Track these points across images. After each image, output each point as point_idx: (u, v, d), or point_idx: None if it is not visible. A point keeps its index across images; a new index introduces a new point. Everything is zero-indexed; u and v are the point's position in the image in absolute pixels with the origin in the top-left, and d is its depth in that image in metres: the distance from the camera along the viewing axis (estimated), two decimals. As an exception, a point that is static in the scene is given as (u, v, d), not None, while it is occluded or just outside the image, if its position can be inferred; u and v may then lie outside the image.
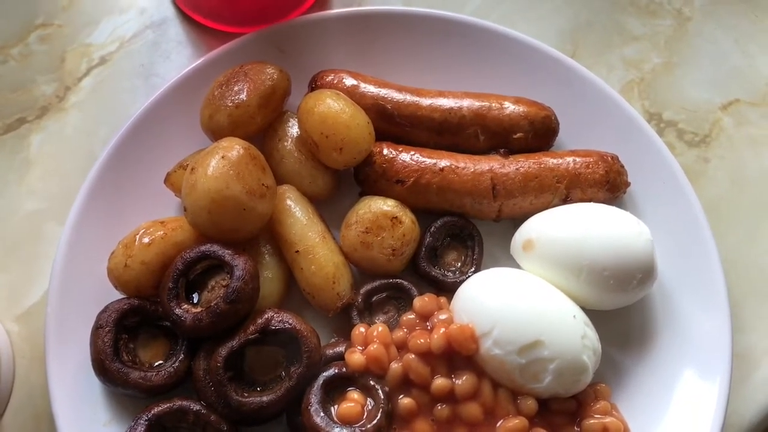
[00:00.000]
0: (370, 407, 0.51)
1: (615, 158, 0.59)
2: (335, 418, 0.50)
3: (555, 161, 0.58)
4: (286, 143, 0.59)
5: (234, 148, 0.53)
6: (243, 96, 0.57)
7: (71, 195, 0.61)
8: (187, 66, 0.63)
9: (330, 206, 0.59)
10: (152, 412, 0.51)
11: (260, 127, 0.58)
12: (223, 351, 0.51)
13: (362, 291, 0.56)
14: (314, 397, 0.50)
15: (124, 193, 0.59)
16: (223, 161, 0.52)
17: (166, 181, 0.58)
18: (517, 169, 0.58)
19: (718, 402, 0.53)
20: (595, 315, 0.55)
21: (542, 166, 0.58)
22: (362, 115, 0.57)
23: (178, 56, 0.69)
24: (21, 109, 0.66)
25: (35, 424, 0.56)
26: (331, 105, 0.56)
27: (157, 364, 0.53)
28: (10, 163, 0.64)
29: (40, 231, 0.62)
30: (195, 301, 0.53)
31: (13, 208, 0.63)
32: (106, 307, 0.53)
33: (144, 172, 0.60)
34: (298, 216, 0.56)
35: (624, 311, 0.57)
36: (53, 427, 0.55)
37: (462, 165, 0.58)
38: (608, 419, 0.53)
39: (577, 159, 0.59)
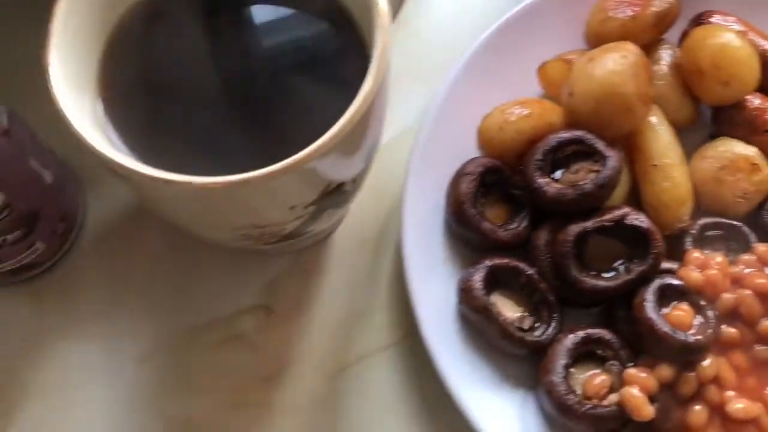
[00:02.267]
0: (697, 323, 0.53)
1: None
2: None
3: None
4: (660, 67, 0.61)
5: (634, 51, 0.56)
6: (639, 9, 0.60)
7: (432, 61, 0.67)
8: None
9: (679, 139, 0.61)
10: (493, 261, 0.55)
11: (643, 44, 0.61)
12: (576, 228, 0.54)
13: (700, 222, 0.58)
14: (651, 296, 0.52)
15: (492, 73, 0.63)
16: (623, 59, 0.55)
17: (540, 69, 0.62)
18: None
19: None
20: None
21: None
22: (756, 59, 0.58)
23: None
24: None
25: (361, 242, 0.62)
26: (731, 39, 0.57)
27: (499, 224, 0.57)
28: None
29: (397, 84, 0.63)
30: (556, 178, 0.56)
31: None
32: (474, 159, 0.58)
33: (511, 59, 0.64)
34: (662, 133, 0.58)
35: None
36: (376, 248, 0.62)
37: (834, 134, 0.58)
38: None
39: None
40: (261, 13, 0.50)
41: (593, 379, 0.52)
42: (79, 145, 0.42)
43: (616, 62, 0.55)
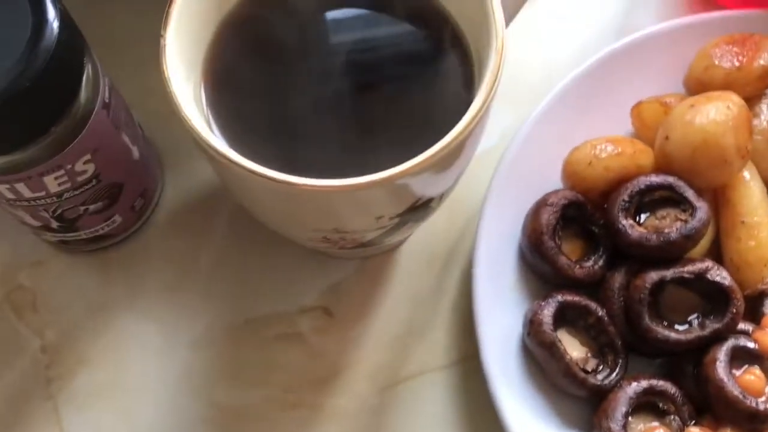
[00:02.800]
0: (768, 391, 0.51)
1: None
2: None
3: None
4: (760, 121, 0.59)
5: (739, 103, 0.55)
6: (746, 60, 0.58)
7: (525, 84, 0.67)
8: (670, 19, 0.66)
9: (766, 197, 0.60)
10: (565, 297, 0.54)
11: (746, 96, 0.59)
12: (655, 276, 0.53)
13: (781, 286, 0.56)
14: (723, 356, 0.51)
15: (583, 106, 0.62)
16: (727, 110, 0.54)
17: (634, 108, 0.61)
18: None
19: None
20: None
21: None
22: None
23: (657, 8, 0.71)
24: None
25: (429, 259, 0.61)
26: (840, 104, 0.56)
27: (573, 260, 0.56)
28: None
29: None
30: (640, 221, 0.55)
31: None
32: (558, 191, 0.57)
33: (605, 95, 0.63)
34: (754, 189, 0.57)
35: None
36: (444, 267, 0.61)
37: None
38: None
39: None
40: (370, 20, 0.50)
41: (651, 431, 0.51)
42: (181, 127, 0.42)
43: (720, 112, 0.54)
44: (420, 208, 0.46)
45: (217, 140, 0.42)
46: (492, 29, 0.43)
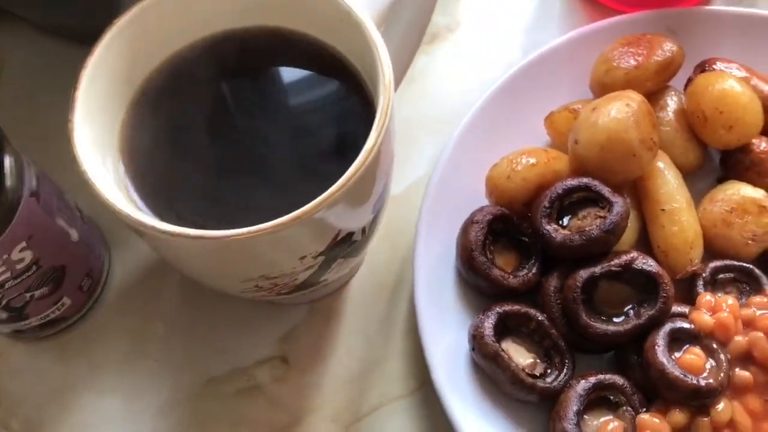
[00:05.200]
0: (709, 367, 0.52)
1: None
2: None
3: None
4: (666, 113, 0.62)
5: (636, 99, 0.57)
6: (642, 59, 0.62)
7: (443, 114, 0.70)
8: (571, 30, 0.69)
9: (686, 183, 0.62)
10: (504, 308, 0.56)
11: (648, 92, 0.62)
12: (585, 274, 0.55)
13: (711, 265, 0.58)
14: (661, 340, 0.53)
15: (500, 123, 0.65)
16: (626, 108, 0.57)
17: (546, 119, 0.64)
18: None
19: None
20: None
21: None
22: (758, 104, 0.59)
23: (560, 20, 0.75)
24: (415, 32, 0.75)
25: (377, 291, 0.63)
26: (733, 85, 0.59)
27: (509, 271, 0.58)
28: (398, 74, 0.73)
29: (411, 136, 0.70)
30: (563, 224, 0.57)
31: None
32: (483, 208, 0.59)
33: (519, 110, 0.66)
34: (669, 178, 0.59)
35: None
36: (391, 297, 0.63)
37: (842, 177, 0.58)
38: None
39: None
40: (271, 75, 0.52)
41: (606, 425, 0.52)
42: (101, 204, 0.44)
43: (619, 110, 0.57)
44: (343, 244, 0.48)
45: (131, 208, 0.44)
46: (378, 66, 0.46)
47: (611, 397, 0.53)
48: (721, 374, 0.52)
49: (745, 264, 0.58)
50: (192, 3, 0.50)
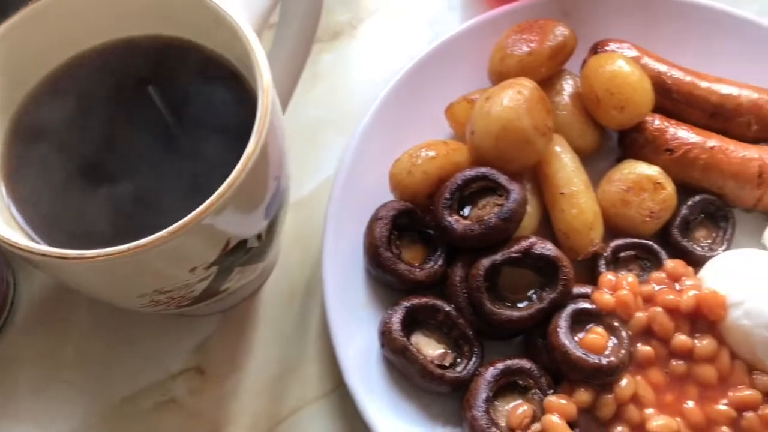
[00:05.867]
0: (611, 345, 0.53)
1: None
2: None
3: (828, 163, 0.59)
4: (562, 97, 0.63)
5: (528, 86, 0.58)
6: (535, 45, 0.62)
7: (350, 111, 0.69)
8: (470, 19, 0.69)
9: (586, 164, 0.63)
10: (411, 302, 0.56)
11: (543, 77, 0.63)
12: (486, 262, 0.55)
13: (612, 244, 0.59)
14: (564, 322, 0.53)
15: (404, 117, 0.65)
16: (518, 95, 0.57)
17: (447, 110, 0.64)
18: (787, 162, 0.59)
19: None
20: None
21: (813, 164, 0.59)
22: (648, 82, 0.60)
23: (462, 10, 0.75)
24: (318, 30, 0.74)
25: (290, 295, 0.63)
26: (622, 65, 0.60)
27: (416, 264, 0.58)
28: (302, 75, 0.73)
29: (318, 136, 0.70)
30: (465, 214, 0.58)
31: (298, 113, 0.70)
32: (386, 204, 0.59)
33: (422, 103, 0.66)
34: (566, 162, 0.60)
35: None
36: (305, 300, 0.63)
37: (732, 148, 0.60)
38: None
39: None
40: (155, 85, 0.51)
41: (516, 409, 0.53)
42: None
43: (511, 98, 0.57)
44: (237, 252, 0.48)
45: (12, 232, 0.43)
46: (256, 69, 0.45)
47: (520, 382, 0.54)
48: (623, 351, 0.53)
49: (644, 241, 0.59)
50: (64, 19, 0.49)
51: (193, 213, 0.42)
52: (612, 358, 0.52)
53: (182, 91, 0.52)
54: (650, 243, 0.59)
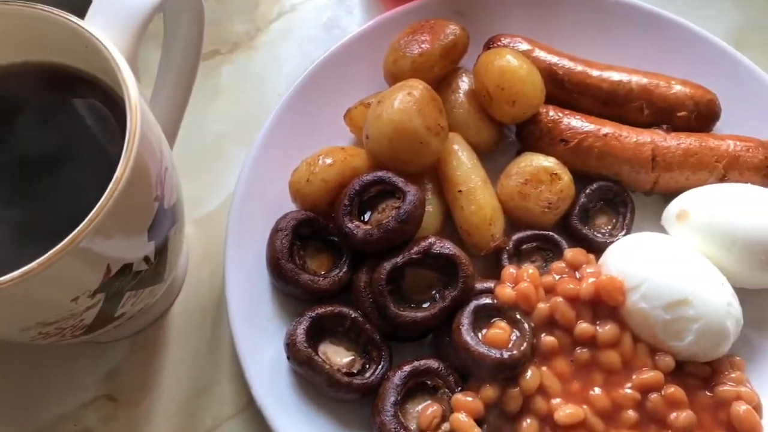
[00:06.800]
0: (514, 338, 0.54)
1: (775, 148, 0.61)
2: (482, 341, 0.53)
3: (716, 141, 0.61)
4: (457, 95, 0.63)
5: (418, 87, 0.58)
6: (427, 46, 0.62)
7: (253, 122, 0.68)
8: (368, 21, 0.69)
9: (487, 160, 0.63)
10: (316, 311, 0.56)
11: (437, 76, 0.63)
12: (387, 266, 0.55)
13: (514, 238, 0.59)
14: (465, 319, 0.54)
15: (304, 124, 0.65)
16: (408, 97, 0.57)
17: (345, 115, 0.64)
18: (678, 144, 0.60)
19: None
20: (738, 293, 0.56)
21: (703, 144, 0.60)
22: (537, 75, 0.61)
23: (360, 13, 0.75)
24: (216, 42, 0.74)
25: (201, 314, 0.62)
26: (510, 60, 0.60)
27: (321, 273, 0.58)
28: (202, 88, 0.71)
29: (222, 150, 0.69)
30: (365, 219, 0.58)
31: (201, 127, 0.70)
32: (286, 215, 0.59)
33: (322, 109, 0.65)
34: (464, 160, 0.60)
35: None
36: (216, 318, 0.62)
37: (625, 134, 0.61)
38: (742, 388, 0.54)
39: (738, 142, 0.61)
40: (32, 112, 0.50)
41: (425, 410, 0.53)
42: None
43: (402, 100, 0.57)
44: (122, 276, 0.47)
45: None
46: (124, 89, 0.45)
47: (429, 382, 0.54)
48: (525, 343, 0.53)
49: (543, 232, 0.60)
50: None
51: (61, 243, 0.41)
52: (514, 352, 0.52)
53: (59, 116, 0.50)
54: (550, 234, 0.59)
